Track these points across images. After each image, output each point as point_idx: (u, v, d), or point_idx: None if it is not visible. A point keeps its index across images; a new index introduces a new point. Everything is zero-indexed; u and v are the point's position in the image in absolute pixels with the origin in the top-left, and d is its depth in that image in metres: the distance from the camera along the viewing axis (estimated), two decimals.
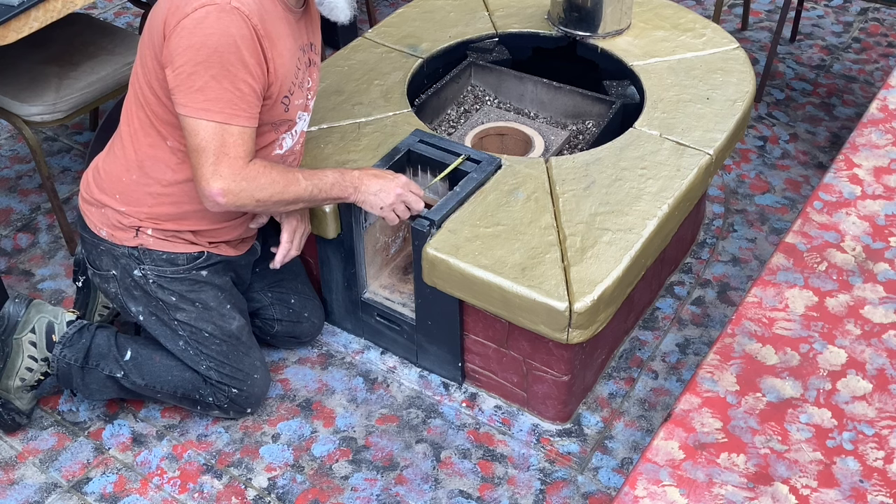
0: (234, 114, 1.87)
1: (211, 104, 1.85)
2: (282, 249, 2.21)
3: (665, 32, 2.78)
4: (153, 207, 2.07)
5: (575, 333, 2.01)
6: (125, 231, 2.10)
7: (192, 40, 1.82)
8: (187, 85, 1.85)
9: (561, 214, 2.18)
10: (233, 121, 1.88)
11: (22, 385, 2.22)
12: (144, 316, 2.17)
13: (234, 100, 1.86)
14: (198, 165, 1.90)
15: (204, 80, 1.84)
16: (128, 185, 2.07)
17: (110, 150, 2.12)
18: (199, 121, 1.86)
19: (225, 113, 1.86)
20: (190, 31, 1.83)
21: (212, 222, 2.12)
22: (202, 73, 1.83)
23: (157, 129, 2.00)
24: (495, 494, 2.15)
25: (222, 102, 1.86)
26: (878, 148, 2.14)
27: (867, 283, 1.79)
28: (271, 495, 2.16)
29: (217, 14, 1.82)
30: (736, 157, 3.18)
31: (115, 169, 2.08)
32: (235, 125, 1.88)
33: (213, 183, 1.89)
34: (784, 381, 1.60)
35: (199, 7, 1.82)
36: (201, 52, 1.82)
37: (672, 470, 1.46)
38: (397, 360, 2.47)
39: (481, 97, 2.83)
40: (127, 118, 2.06)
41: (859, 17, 4.00)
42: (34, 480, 2.19)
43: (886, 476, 1.45)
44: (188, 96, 1.85)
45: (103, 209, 2.10)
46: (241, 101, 1.87)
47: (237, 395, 2.22)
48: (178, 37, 1.84)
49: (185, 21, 1.83)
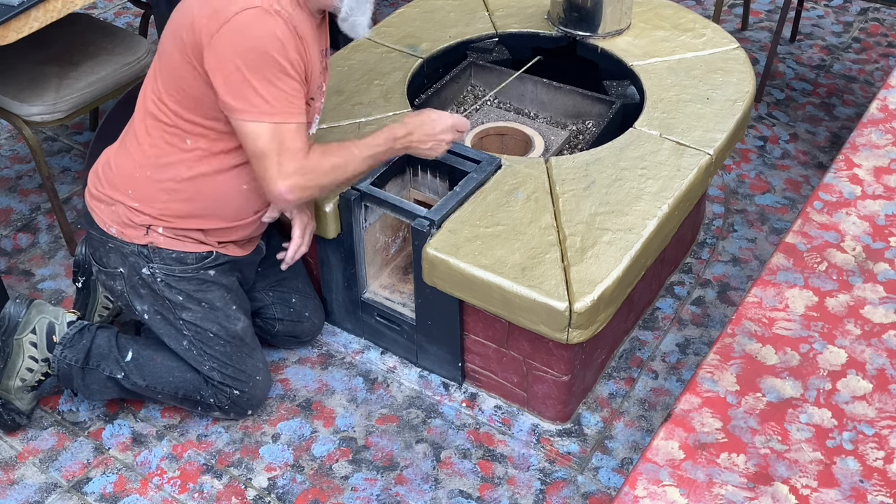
0: (289, 112, 1.91)
1: (268, 107, 1.88)
2: (293, 246, 2.24)
3: (665, 32, 2.78)
4: (166, 203, 2.07)
5: (575, 333, 2.01)
6: (135, 229, 2.10)
7: (240, 45, 1.85)
8: (241, 91, 1.87)
9: (561, 214, 2.18)
10: (289, 119, 1.91)
11: (22, 385, 2.22)
12: (149, 315, 2.17)
13: (287, 99, 1.90)
14: (263, 169, 1.93)
15: (256, 84, 1.86)
16: (141, 180, 2.07)
17: (123, 146, 2.12)
18: (257, 124, 1.89)
19: (282, 114, 1.90)
20: (236, 36, 1.85)
21: (223, 221, 2.12)
22: (253, 78, 1.86)
23: (179, 128, 2.01)
24: (495, 494, 2.15)
25: (278, 104, 1.89)
26: (878, 148, 2.14)
27: (867, 283, 1.79)
28: (271, 495, 2.16)
29: (262, 17, 1.84)
30: (736, 157, 3.18)
31: (128, 164, 2.08)
32: (291, 123, 1.92)
33: (281, 183, 1.92)
34: (784, 381, 1.60)
35: (241, 11, 1.84)
36: (250, 55, 1.85)
37: (672, 470, 1.46)
38: (397, 360, 2.47)
39: (481, 97, 2.83)
40: (143, 115, 2.06)
41: (859, 17, 4.00)
42: (34, 480, 2.19)
43: (886, 476, 1.45)
44: (242, 102, 1.88)
45: (113, 206, 2.10)
46: (293, 99, 1.91)
47: (238, 396, 2.22)
48: (223, 41, 1.85)
49: (228, 25, 1.85)
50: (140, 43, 2.81)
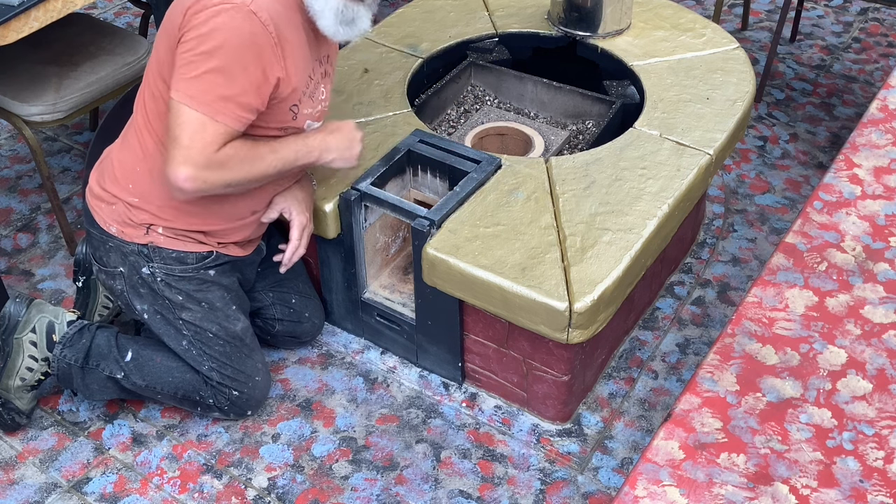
0: (220, 110, 1.86)
1: (200, 94, 1.85)
2: (291, 247, 2.22)
3: (665, 32, 2.78)
4: (165, 200, 2.06)
5: (575, 333, 2.01)
6: (136, 228, 2.10)
7: (201, 30, 1.84)
8: (184, 71, 1.86)
9: (561, 214, 2.18)
10: (217, 117, 1.87)
11: (22, 385, 2.22)
12: (149, 314, 2.17)
13: (225, 97, 1.86)
14: (170, 149, 1.88)
15: (201, 70, 1.84)
16: (142, 174, 2.07)
17: (125, 141, 2.12)
18: (183, 107, 1.86)
19: (212, 107, 1.86)
20: (202, 23, 1.85)
21: (221, 221, 2.12)
22: (201, 63, 1.84)
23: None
24: (495, 494, 2.15)
25: (212, 96, 1.85)
26: (878, 148, 2.14)
27: (867, 283, 1.79)
28: (271, 495, 2.16)
29: (232, 13, 1.84)
30: (736, 157, 3.18)
31: (129, 158, 2.08)
32: (220, 122, 1.87)
33: (181, 169, 1.86)
34: (784, 381, 1.60)
35: (219, 3, 1.84)
36: (206, 43, 1.84)
37: (672, 470, 1.46)
38: (397, 360, 2.47)
39: (481, 97, 2.83)
40: (142, 109, 2.06)
41: (859, 17, 4.00)
42: (34, 480, 2.19)
43: (886, 476, 1.45)
44: (182, 82, 1.86)
45: (114, 205, 2.10)
46: (231, 100, 1.87)
47: (238, 397, 2.22)
48: (189, 26, 1.86)
49: (201, 14, 1.85)
50: (140, 43, 2.81)
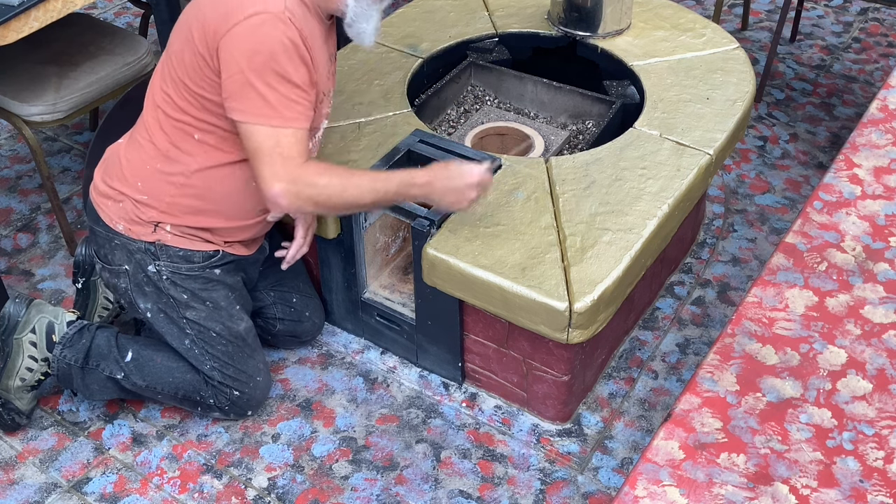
0: (288, 118, 1.90)
1: (267, 110, 1.88)
2: (295, 244, 2.25)
3: (665, 32, 2.78)
4: (174, 198, 2.07)
5: (575, 333, 2.01)
6: (143, 226, 2.10)
7: (247, 46, 1.85)
8: (243, 92, 1.88)
9: (561, 214, 2.18)
10: (288, 124, 1.90)
11: (22, 385, 2.22)
12: (153, 313, 2.17)
13: (289, 104, 1.90)
14: (257, 169, 1.93)
15: (259, 87, 1.87)
16: (150, 172, 2.07)
17: (133, 139, 2.12)
18: (255, 126, 1.89)
19: (281, 117, 1.89)
20: (244, 38, 1.85)
21: (229, 219, 2.13)
22: (257, 80, 1.86)
23: (187, 123, 2.01)
24: (495, 494, 2.15)
25: (278, 108, 1.89)
26: (878, 148, 2.14)
27: (867, 283, 1.79)
28: (271, 495, 2.16)
29: (272, 22, 1.85)
30: (736, 157, 3.18)
31: (138, 156, 2.08)
32: (289, 128, 1.91)
33: (274, 184, 1.91)
34: (784, 381, 1.60)
35: (253, 14, 1.85)
36: (256, 59, 1.85)
37: (672, 470, 1.46)
38: (397, 360, 2.47)
39: (481, 97, 2.83)
40: (153, 108, 2.06)
41: (859, 17, 4.00)
42: (34, 480, 2.19)
43: (886, 476, 1.45)
44: (244, 103, 1.89)
45: (121, 202, 2.10)
46: (294, 104, 1.90)
47: (238, 397, 2.22)
48: (231, 42, 1.86)
49: (238, 27, 1.85)
50: (140, 43, 2.81)
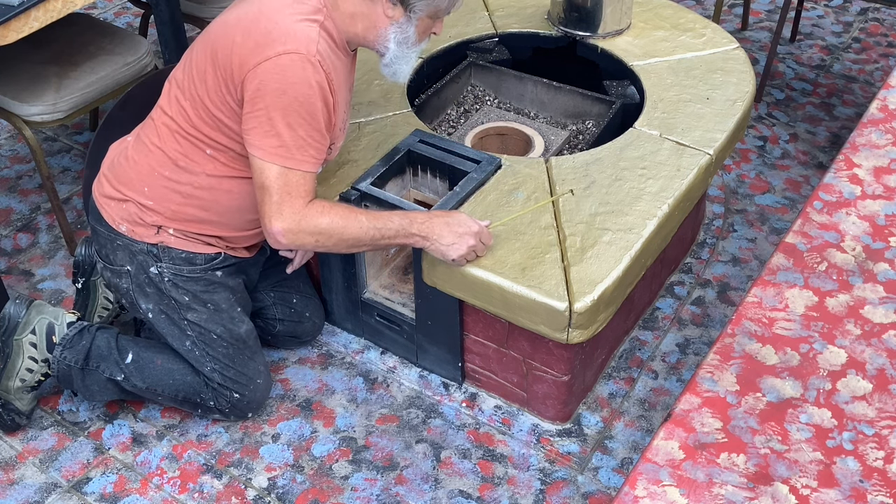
0: (302, 160, 1.92)
1: (283, 150, 1.90)
2: (300, 252, 2.28)
3: (665, 32, 2.78)
4: (180, 206, 2.07)
5: (575, 333, 2.01)
6: (147, 228, 2.10)
7: (274, 86, 1.86)
8: (263, 129, 1.89)
9: (561, 214, 2.18)
10: (299, 167, 1.92)
11: (22, 386, 2.22)
12: (154, 314, 2.17)
13: (304, 146, 1.91)
14: (261, 203, 1.95)
15: (279, 127, 1.88)
16: (158, 180, 2.07)
17: (141, 142, 2.11)
18: (267, 163, 1.91)
19: (294, 159, 1.91)
20: (272, 76, 1.86)
21: (235, 230, 2.14)
22: (279, 120, 1.87)
23: (199, 139, 2.02)
24: (495, 494, 2.15)
25: (293, 150, 1.90)
26: (878, 148, 2.14)
27: (867, 283, 1.79)
28: (271, 495, 2.16)
29: (302, 64, 1.86)
30: (736, 157, 3.18)
31: (146, 161, 2.08)
32: (300, 170, 1.92)
33: (276, 223, 1.93)
34: (784, 381, 1.60)
35: (284, 53, 1.85)
36: (282, 99, 1.86)
37: (672, 470, 1.46)
38: (397, 360, 2.47)
39: (481, 97, 2.83)
40: (165, 118, 2.06)
41: (859, 17, 4.00)
42: (34, 480, 2.19)
43: (886, 476, 1.45)
44: (262, 140, 1.90)
45: (125, 203, 2.10)
46: (309, 147, 1.92)
47: (238, 399, 2.22)
48: (259, 77, 1.87)
49: (268, 63, 1.86)
50: (140, 43, 2.81)
